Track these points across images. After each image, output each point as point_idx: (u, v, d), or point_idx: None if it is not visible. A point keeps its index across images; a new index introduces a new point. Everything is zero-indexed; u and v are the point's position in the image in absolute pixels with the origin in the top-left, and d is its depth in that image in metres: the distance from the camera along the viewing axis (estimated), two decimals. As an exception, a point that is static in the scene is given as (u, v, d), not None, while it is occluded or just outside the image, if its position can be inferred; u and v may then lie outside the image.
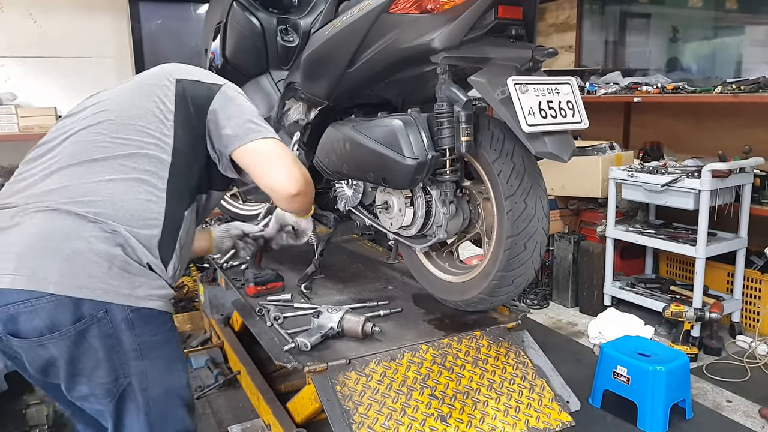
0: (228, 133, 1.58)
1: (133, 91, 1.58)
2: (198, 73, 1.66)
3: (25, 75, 4.15)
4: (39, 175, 1.43)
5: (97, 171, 1.42)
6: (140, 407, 1.43)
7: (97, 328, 1.34)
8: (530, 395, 1.95)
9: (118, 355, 1.38)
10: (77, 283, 1.31)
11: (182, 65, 1.70)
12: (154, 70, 1.67)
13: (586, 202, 4.22)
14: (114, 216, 1.38)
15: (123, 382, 1.40)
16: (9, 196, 1.43)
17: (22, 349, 1.35)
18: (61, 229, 1.34)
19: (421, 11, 1.76)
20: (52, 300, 1.29)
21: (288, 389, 2.54)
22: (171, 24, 4.54)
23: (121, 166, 1.44)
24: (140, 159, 1.47)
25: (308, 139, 2.47)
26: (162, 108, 1.54)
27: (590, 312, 3.92)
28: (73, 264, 1.32)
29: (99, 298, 1.33)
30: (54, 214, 1.35)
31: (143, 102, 1.54)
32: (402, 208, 2.11)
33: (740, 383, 3.02)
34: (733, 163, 3.28)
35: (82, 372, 1.37)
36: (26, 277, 1.29)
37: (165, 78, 1.60)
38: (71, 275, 1.31)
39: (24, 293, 1.28)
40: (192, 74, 1.64)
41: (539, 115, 1.66)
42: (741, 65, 4.00)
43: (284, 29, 2.82)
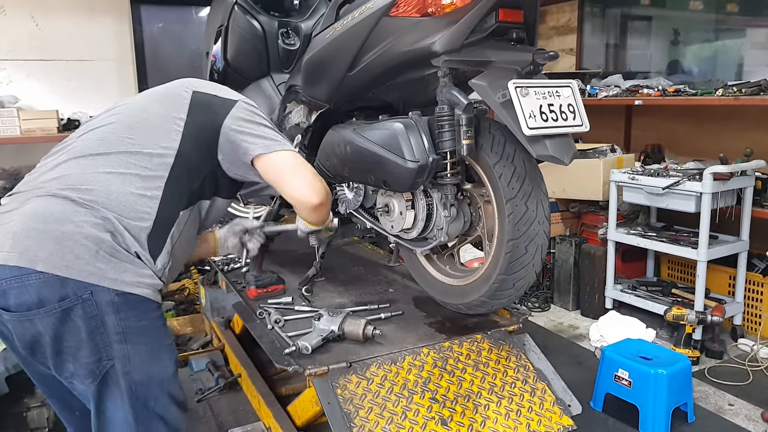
0: (248, 143, 1.66)
1: (147, 98, 1.69)
2: (216, 88, 1.75)
3: (26, 78, 4.16)
4: (49, 167, 1.53)
5: (99, 164, 1.51)
6: (123, 392, 1.45)
7: (81, 308, 1.39)
8: (531, 399, 1.94)
9: (102, 336, 1.42)
10: (64, 263, 1.37)
11: (202, 80, 1.80)
12: (174, 82, 1.76)
13: (588, 204, 4.21)
14: (107, 204, 1.45)
15: (106, 364, 1.43)
16: (23, 185, 1.54)
17: (11, 323, 1.41)
18: (55, 212, 1.42)
19: (422, 15, 1.77)
20: (41, 277, 1.36)
21: (289, 392, 2.53)
22: (172, 27, 4.55)
23: (121, 161, 1.52)
24: (142, 157, 1.54)
25: (309, 142, 2.48)
26: (174, 115, 1.62)
27: (592, 315, 3.92)
28: (62, 245, 1.38)
29: (84, 279, 1.39)
30: (51, 199, 1.44)
31: (156, 107, 1.64)
32: (403, 211, 2.11)
33: (742, 387, 3.01)
34: (734, 166, 3.28)
35: (66, 350, 1.42)
36: (18, 254, 1.37)
37: (183, 88, 1.69)
38: (59, 255, 1.38)
39: (15, 269, 1.36)
40: (210, 89, 1.73)
41: (540, 119, 1.66)
42: (742, 68, 4.00)
43: (285, 32, 2.83)
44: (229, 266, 2.77)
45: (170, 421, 1.53)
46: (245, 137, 1.66)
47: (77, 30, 4.24)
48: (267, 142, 1.67)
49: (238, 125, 1.66)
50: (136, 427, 1.46)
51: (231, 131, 1.65)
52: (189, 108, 1.63)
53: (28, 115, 3.85)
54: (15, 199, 1.49)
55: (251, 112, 1.71)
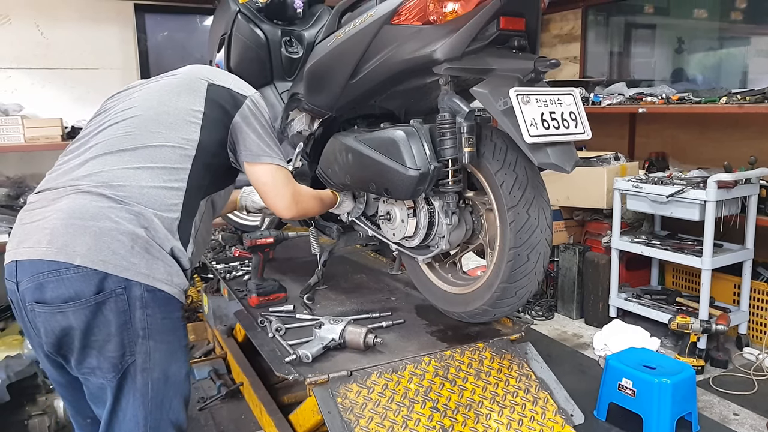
0: (243, 147, 1.72)
1: (163, 91, 1.70)
2: (227, 80, 1.77)
3: (31, 86, 4.17)
4: (75, 163, 1.56)
5: (127, 159, 1.55)
6: (138, 389, 1.48)
7: (114, 302, 1.43)
8: (534, 408, 1.93)
9: (128, 332, 1.45)
10: (101, 258, 1.42)
11: (212, 68, 1.85)
12: (184, 70, 1.79)
13: (591, 212, 4.20)
14: (140, 199, 1.50)
15: (128, 359, 1.46)
16: (50, 182, 1.57)
17: (43, 316, 1.43)
18: (92, 208, 1.46)
19: (424, 23, 1.77)
20: (78, 271, 1.40)
21: (291, 401, 2.52)
22: (177, 35, 4.56)
23: (148, 155, 1.56)
24: (167, 150, 1.58)
25: (311, 149, 2.48)
26: (192, 107, 1.65)
27: (595, 323, 3.90)
28: (99, 240, 1.43)
29: (120, 274, 1.43)
30: (87, 196, 1.48)
31: (174, 100, 1.66)
32: (404, 218, 2.11)
33: (747, 396, 2.99)
34: (738, 174, 3.27)
35: (93, 344, 1.44)
36: (57, 249, 1.41)
37: (197, 79, 1.71)
38: (97, 250, 1.42)
39: (54, 264, 1.40)
40: (222, 80, 1.75)
41: (542, 126, 1.66)
42: (746, 76, 3.99)
43: (288, 41, 2.84)
44: (231, 274, 2.77)
45: (179, 422, 1.55)
46: (244, 137, 1.71)
47: (82, 38, 4.26)
48: (257, 150, 1.73)
49: (243, 123, 1.71)
50: (144, 427, 1.48)
51: (237, 128, 1.71)
52: (205, 101, 1.67)
53: (32, 123, 3.85)
54: (45, 197, 1.52)
55: (256, 112, 1.74)
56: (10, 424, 2.66)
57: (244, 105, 1.72)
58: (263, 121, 1.76)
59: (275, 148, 1.77)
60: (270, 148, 1.75)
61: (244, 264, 2.88)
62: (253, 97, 1.76)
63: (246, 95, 1.74)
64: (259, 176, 1.77)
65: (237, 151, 1.73)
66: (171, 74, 1.79)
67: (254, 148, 1.72)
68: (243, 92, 1.75)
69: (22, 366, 2.77)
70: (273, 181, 1.78)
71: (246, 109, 1.72)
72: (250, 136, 1.72)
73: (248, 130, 1.71)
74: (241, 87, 1.77)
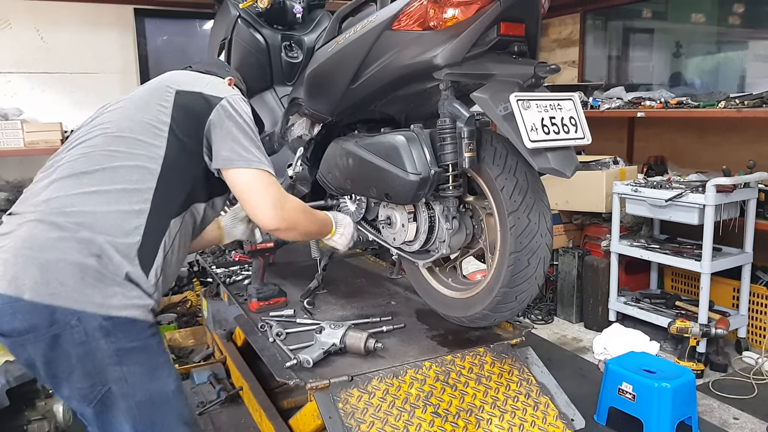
0: (219, 151, 1.60)
1: (130, 104, 1.62)
2: (201, 84, 1.67)
3: (31, 90, 4.18)
4: (40, 186, 1.52)
5: (84, 183, 1.48)
6: (125, 414, 1.44)
7: (70, 334, 1.38)
8: (534, 413, 1.93)
9: (93, 362, 1.41)
10: (49, 291, 1.37)
11: (188, 74, 1.74)
12: (157, 80, 1.71)
13: (591, 216, 4.21)
14: (93, 226, 1.43)
15: (101, 389, 1.42)
16: (20, 205, 1.53)
17: (8, 347, 1.42)
18: (41, 239, 1.41)
19: (424, 28, 1.77)
20: (28, 305, 1.36)
21: (290, 405, 2.52)
22: (176, 40, 4.57)
23: (107, 177, 1.49)
24: (127, 170, 1.51)
25: (312, 154, 2.48)
26: (157, 119, 1.57)
27: (595, 327, 3.90)
28: (47, 272, 1.38)
29: (70, 306, 1.37)
30: (39, 225, 1.42)
31: (139, 114, 1.58)
32: (405, 223, 2.11)
33: (747, 400, 2.99)
34: (737, 178, 3.27)
35: (58, 375, 1.42)
36: (8, 282, 1.37)
37: (165, 89, 1.63)
38: (44, 283, 1.37)
39: (6, 297, 1.37)
40: (194, 85, 1.65)
41: (542, 131, 1.66)
42: (744, 80, 4.01)
43: (288, 45, 2.85)
44: (231, 278, 2.77)
45: None
46: (219, 142, 1.60)
47: (82, 43, 4.27)
48: (231, 154, 1.60)
49: (217, 126, 1.60)
50: None
51: (210, 133, 1.60)
52: (172, 110, 1.58)
53: (31, 127, 3.86)
54: (11, 221, 1.48)
55: (231, 113, 1.62)
56: (9, 429, 2.65)
57: (218, 107, 1.61)
58: (241, 122, 1.63)
59: (255, 151, 1.63)
60: (248, 151, 1.61)
61: (244, 268, 2.88)
62: (229, 98, 1.64)
63: (221, 96, 1.63)
64: (234, 182, 1.62)
65: (212, 158, 1.62)
66: (145, 85, 1.71)
67: (227, 152, 1.60)
68: (218, 94, 1.63)
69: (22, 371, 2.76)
70: (250, 187, 1.63)
71: (220, 111, 1.60)
72: (224, 140, 1.60)
73: (222, 134, 1.60)
74: (218, 89, 1.66)
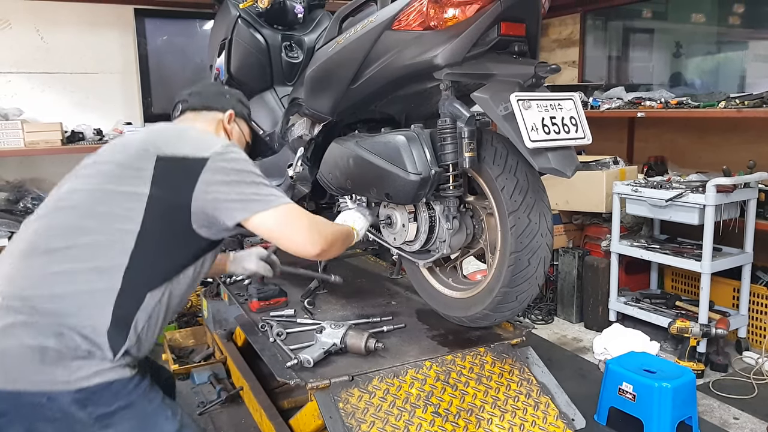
0: (228, 208, 1.49)
1: (106, 171, 1.50)
2: (186, 141, 1.54)
3: (31, 90, 4.17)
4: (6, 261, 1.46)
5: (48, 262, 1.41)
6: None
7: (43, 413, 1.34)
8: (535, 413, 1.93)
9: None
10: (11, 377, 1.33)
11: (173, 130, 1.62)
12: (138, 140, 1.55)
13: (591, 216, 4.21)
14: (55, 310, 1.36)
15: None
16: None
17: None
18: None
19: (424, 28, 1.77)
20: None
21: (291, 405, 2.52)
22: (177, 40, 4.56)
23: (73, 256, 1.41)
24: (96, 249, 1.42)
25: (312, 154, 2.48)
26: (134, 190, 1.45)
27: (595, 327, 3.90)
28: (4, 360, 1.33)
29: (35, 389, 1.33)
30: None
31: (112, 184, 1.47)
32: (405, 223, 2.11)
33: (747, 400, 2.99)
34: (737, 178, 3.27)
35: None
36: None
37: (144, 155, 1.49)
38: (3, 371, 1.33)
39: None
40: (178, 146, 1.51)
41: (542, 131, 1.66)
42: (744, 80, 4.01)
43: (288, 45, 2.85)
44: (232, 279, 2.77)
45: None
46: (224, 199, 1.48)
47: (82, 43, 4.26)
48: (246, 204, 1.50)
49: (213, 186, 1.47)
50: None
51: (205, 197, 1.47)
52: (152, 180, 1.45)
53: (32, 127, 3.85)
54: None
55: (225, 167, 1.49)
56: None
57: (206, 169, 1.46)
58: (239, 169, 1.51)
59: (267, 190, 1.53)
60: (258, 194, 1.51)
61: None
62: (216, 153, 1.49)
63: (206, 156, 1.48)
64: (260, 228, 1.53)
65: (222, 218, 1.49)
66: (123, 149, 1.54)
67: (240, 204, 1.49)
68: (203, 154, 1.48)
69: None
70: (280, 226, 1.54)
71: (209, 173, 1.47)
72: (229, 195, 1.48)
73: (224, 190, 1.47)
74: (203, 146, 1.51)
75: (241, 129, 1.89)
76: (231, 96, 1.88)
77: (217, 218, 1.50)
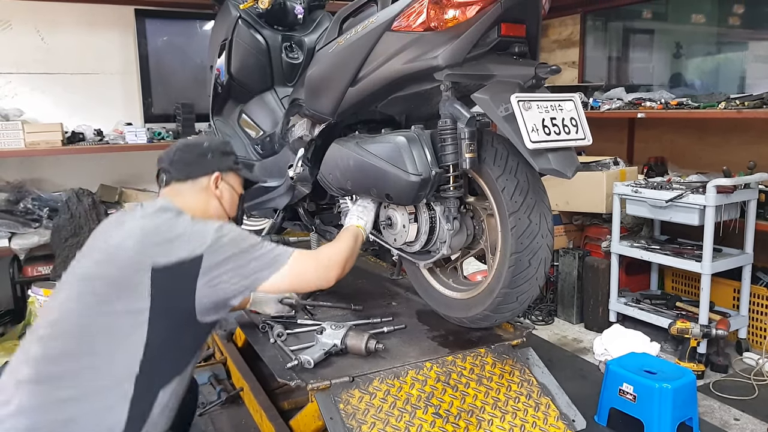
0: (240, 287, 1.54)
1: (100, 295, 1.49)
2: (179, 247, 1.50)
3: (31, 91, 4.17)
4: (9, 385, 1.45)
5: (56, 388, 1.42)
6: None
7: None
8: (535, 414, 1.93)
9: None
10: None
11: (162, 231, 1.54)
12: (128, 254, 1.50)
13: (591, 217, 4.21)
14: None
15: None
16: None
17: None
18: None
19: (425, 29, 1.77)
20: None
21: (291, 406, 2.51)
22: (177, 40, 4.57)
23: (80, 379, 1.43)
24: (103, 371, 1.44)
25: (312, 155, 2.48)
26: (133, 307, 1.46)
27: (595, 328, 3.90)
28: None
29: None
30: None
31: (111, 307, 1.47)
32: (406, 224, 2.11)
33: (748, 401, 2.98)
34: (737, 179, 3.27)
35: None
36: None
37: (138, 271, 1.47)
38: None
39: None
40: (172, 252, 1.49)
41: (543, 132, 1.66)
42: (744, 81, 4.00)
43: (289, 46, 2.85)
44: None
45: None
46: (228, 289, 1.52)
47: (82, 43, 4.26)
48: (254, 279, 1.55)
49: (215, 282, 1.51)
50: None
51: (209, 293, 1.51)
52: (151, 293, 1.46)
53: (32, 128, 3.85)
54: None
55: (224, 257, 1.52)
56: None
57: (203, 268, 1.49)
58: (236, 252, 1.53)
59: (267, 254, 1.58)
60: (261, 261, 1.56)
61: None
62: (209, 244, 1.51)
63: (201, 254, 1.49)
64: (276, 289, 1.64)
65: (231, 300, 1.55)
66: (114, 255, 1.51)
67: (246, 281, 1.54)
68: (197, 251, 1.49)
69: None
70: (291, 279, 1.61)
71: (208, 270, 1.49)
72: (233, 279, 1.52)
73: (227, 278, 1.51)
74: (195, 241, 1.50)
75: (231, 184, 1.85)
76: (213, 153, 1.80)
77: (226, 302, 1.56)
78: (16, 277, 3.83)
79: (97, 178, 4.23)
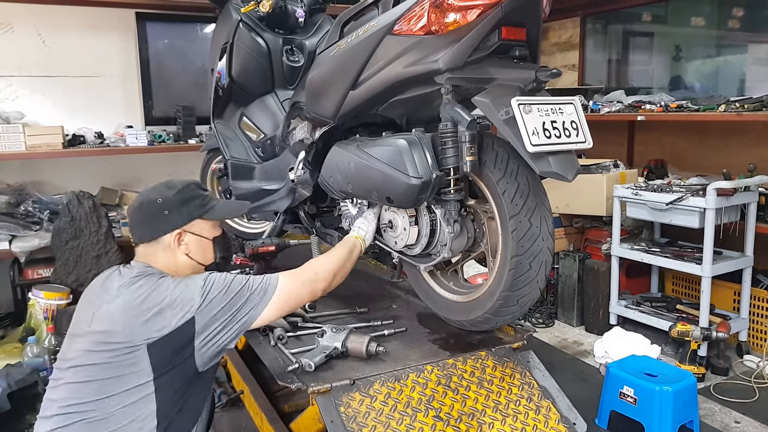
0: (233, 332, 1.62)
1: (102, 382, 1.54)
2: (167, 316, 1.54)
3: (32, 94, 4.18)
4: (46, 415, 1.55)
5: None
6: None
7: None
8: (536, 417, 1.93)
9: None
10: None
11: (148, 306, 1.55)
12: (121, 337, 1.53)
13: (591, 220, 4.21)
14: None
15: None
16: None
17: None
18: None
19: (426, 33, 1.78)
20: None
21: (292, 409, 2.52)
22: (178, 44, 4.57)
23: None
24: None
25: (313, 158, 2.48)
26: (138, 383, 1.53)
27: (596, 331, 3.90)
28: None
29: None
30: None
31: (116, 388, 1.53)
32: (406, 227, 2.11)
33: (748, 404, 2.98)
34: (737, 182, 3.28)
35: None
36: None
37: (135, 351, 1.52)
38: None
39: None
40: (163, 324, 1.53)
41: (543, 135, 1.67)
42: (744, 84, 4.01)
43: (290, 49, 2.86)
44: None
45: None
46: (227, 338, 1.61)
47: (83, 46, 4.27)
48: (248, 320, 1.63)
49: (214, 339, 1.59)
50: None
51: (208, 349, 1.59)
52: (152, 367, 1.53)
53: (33, 130, 3.85)
54: None
55: (216, 311, 1.58)
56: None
57: (197, 330, 1.56)
58: (226, 304, 1.59)
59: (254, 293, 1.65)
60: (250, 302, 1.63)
61: (245, 272, 2.87)
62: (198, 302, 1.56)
63: (192, 317, 1.55)
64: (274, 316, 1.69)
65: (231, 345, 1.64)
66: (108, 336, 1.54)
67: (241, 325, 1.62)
68: (187, 316, 1.55)
69: (23, 374, 2.76)
70: (282, 305, 1.70)
71: (202, 330, 1.56)
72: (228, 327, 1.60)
73: (224, 330, 1.59)
74: (183, 305, 1.55)
75: (199, 233, 1.76)
76: (169, 209, 1.70)
77: (225, 348, 1.64)
78: (17, 280, 3.83)
79: (98, 180, 4.24)
